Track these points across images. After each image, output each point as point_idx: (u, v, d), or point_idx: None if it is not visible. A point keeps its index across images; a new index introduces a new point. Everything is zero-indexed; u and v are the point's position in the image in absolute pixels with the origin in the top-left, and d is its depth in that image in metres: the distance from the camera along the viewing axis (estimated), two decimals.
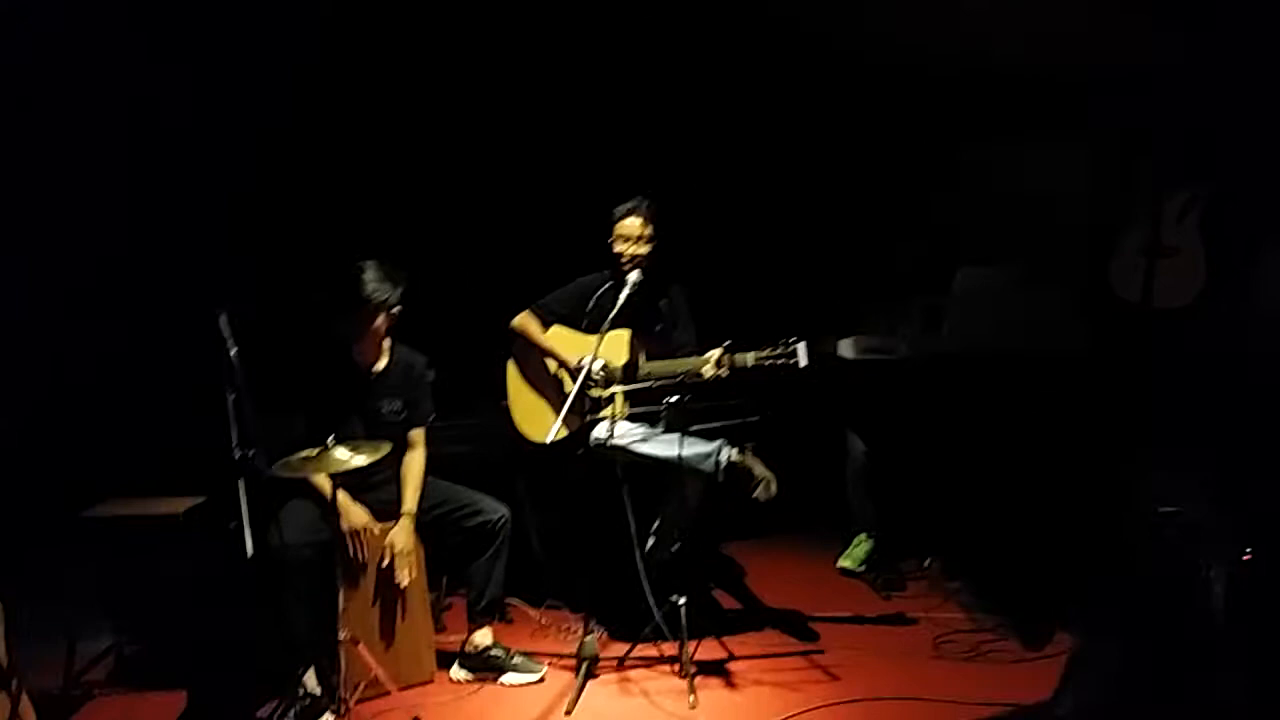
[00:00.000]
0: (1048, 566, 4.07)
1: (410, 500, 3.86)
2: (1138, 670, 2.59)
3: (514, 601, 4.44)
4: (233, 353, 3.13)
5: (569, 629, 4.26)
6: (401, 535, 3.79)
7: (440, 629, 4.25)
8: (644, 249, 4.16)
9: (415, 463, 3.93)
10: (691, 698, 3.61)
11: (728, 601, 4.65)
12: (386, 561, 3.76)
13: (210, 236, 4.85)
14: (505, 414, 4.38)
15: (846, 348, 4.48)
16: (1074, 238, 4.82)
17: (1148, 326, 4.43)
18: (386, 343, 3.88)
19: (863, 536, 4.87)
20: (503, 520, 3.90)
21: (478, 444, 4.58)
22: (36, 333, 4.59)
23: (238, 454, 3.02)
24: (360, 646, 3.45)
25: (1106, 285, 4.62)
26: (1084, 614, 3.44)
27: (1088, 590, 3.36)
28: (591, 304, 4.23)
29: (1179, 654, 2.68)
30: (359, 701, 3.48)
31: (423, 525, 3.87)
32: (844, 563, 4.91)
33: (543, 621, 4.41)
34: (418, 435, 3.97)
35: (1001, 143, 5.10)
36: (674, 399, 3.85)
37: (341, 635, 3.38)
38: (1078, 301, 4.59)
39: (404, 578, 3.78)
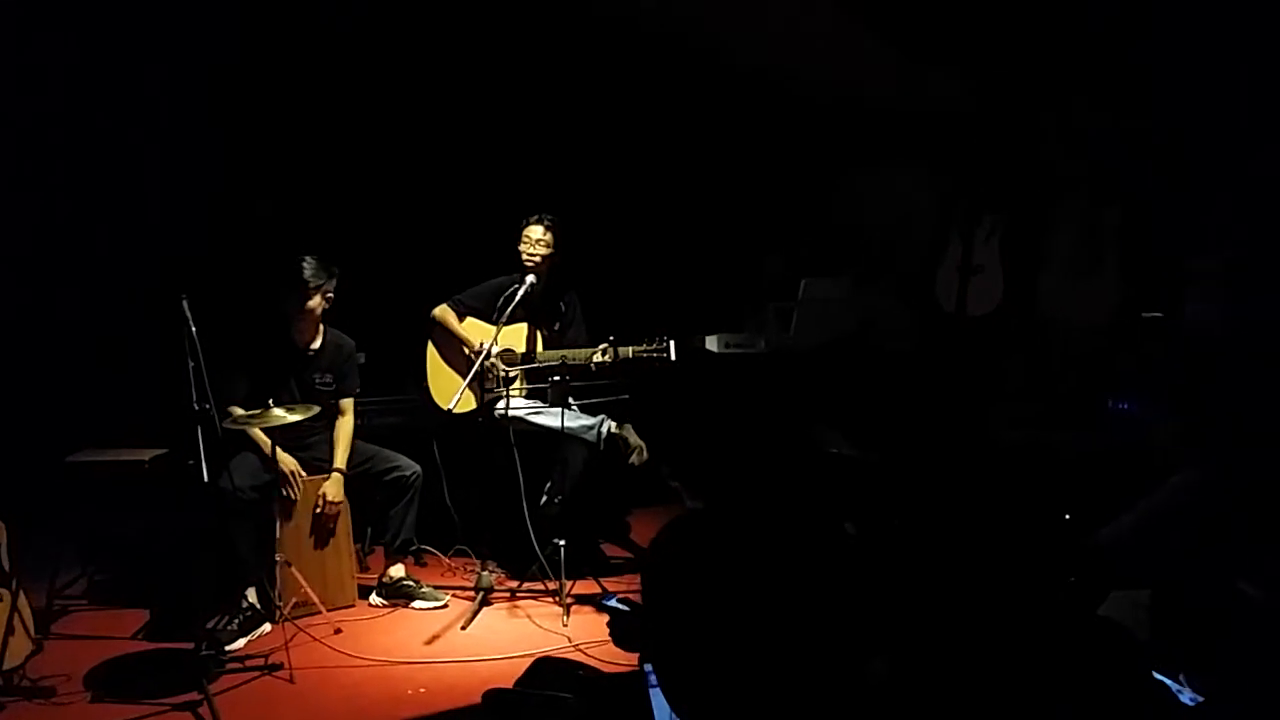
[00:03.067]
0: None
1: (340, 459, 4.67)
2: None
3: (427, 549, 5.23)
4: (192, 330, 3.91)
5: (472, 571, 5.06)
6: (332, 487, 4.60)
7: (364, 569, 5.07)
8: (542, 251, 5.00)
9: (344, 427, 4.74)
10: (564, 619, 4.45)
11: (613, 551, 5.50)
12: (319, 509, 4.56)
13: (175, 230, 5.59)
14: (424, 390, 5.20)
15: (713, 343, 5.36)
16: (906, 254, 5.74)
17: (961, 330, 5.35)
18: (321, 326, 4.69)
19: None
20: (415, 475, 4.73)
21: (402, 416, 5.39)
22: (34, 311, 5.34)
23: (196, 408, 3.81)
24: (293, 569, 4.26)
25: (932, 296, 5.52)
26: None
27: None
28: (500, 300, 5.05)
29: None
30: (293, 618, 4.28)
31: (350, 480, 4.68)
32: None
33: (451, 565, 5.23)
34: (347, 404, 4.78)
35: (850, 172, 6.03)
36: (557, 378, 4.71)
37: (278, 559, 4.20)
38: (905, 308, 5.50)
39: (334, 523, 4.59)
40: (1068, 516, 3.83)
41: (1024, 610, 3.19)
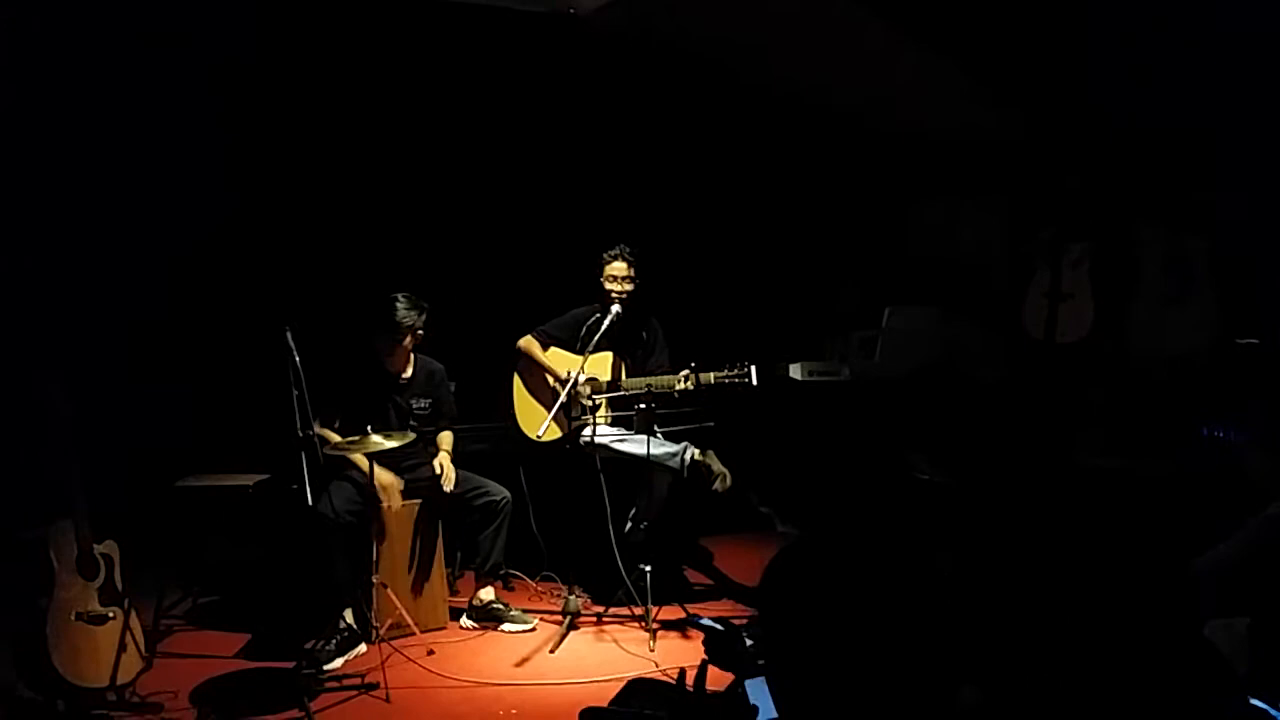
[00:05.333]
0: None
1: (445, 445, 4.91)
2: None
3: (515, 573, 5.32)
4: (296, 360, 4.07)
5: (559, 595, 5.14)
6: (445, 460, 4.79)
7: (454, 593, 5.17)
8: (628, 286, 5.07)
9: (448, 432, 4.98)
10: (651, 644, 4.50)
11: (696, 578, 5.53)
12: (441, 471, 4.73)
13: (278, 265, 5.75)
14: (511, 418, 5.32)
15: (796, 370, 5.39)
16: (993, 283, 5.72)
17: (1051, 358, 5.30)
18: (411, 355, 4.85)
19: None
20: (505, 500, 4.84)
21: (490, 442, 5.50)
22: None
23: (300, 434, 3.96)
24: (389, 590, 4.38)
25: (1019, 324, 5.49)
26: None
27: None
28: (583, 330, 5.13)
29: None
30: (388, 639, 4.39)
31: (441, 504, 4.81)
32: None
33: (538, 589, 5.32)
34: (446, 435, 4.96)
35: (934, 203, 6.04)
36: (642, 406, 4.79)
37: (374, 581, 4.33)
38: (991, 337, 5.48)
39: (449, 485, 4.73)
40: (1162, 545, 3.79)
41: (1119, 638, 3.15)
